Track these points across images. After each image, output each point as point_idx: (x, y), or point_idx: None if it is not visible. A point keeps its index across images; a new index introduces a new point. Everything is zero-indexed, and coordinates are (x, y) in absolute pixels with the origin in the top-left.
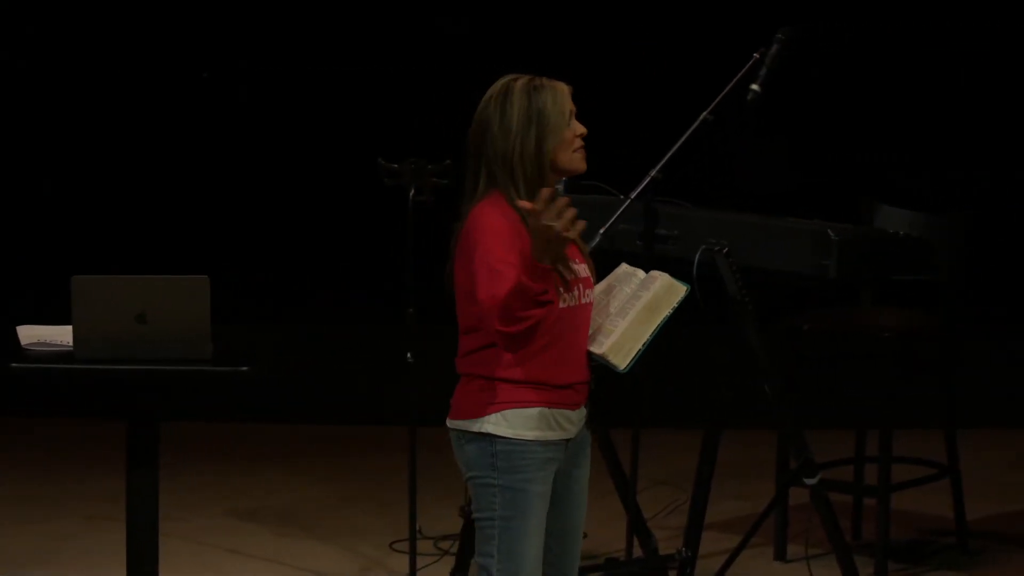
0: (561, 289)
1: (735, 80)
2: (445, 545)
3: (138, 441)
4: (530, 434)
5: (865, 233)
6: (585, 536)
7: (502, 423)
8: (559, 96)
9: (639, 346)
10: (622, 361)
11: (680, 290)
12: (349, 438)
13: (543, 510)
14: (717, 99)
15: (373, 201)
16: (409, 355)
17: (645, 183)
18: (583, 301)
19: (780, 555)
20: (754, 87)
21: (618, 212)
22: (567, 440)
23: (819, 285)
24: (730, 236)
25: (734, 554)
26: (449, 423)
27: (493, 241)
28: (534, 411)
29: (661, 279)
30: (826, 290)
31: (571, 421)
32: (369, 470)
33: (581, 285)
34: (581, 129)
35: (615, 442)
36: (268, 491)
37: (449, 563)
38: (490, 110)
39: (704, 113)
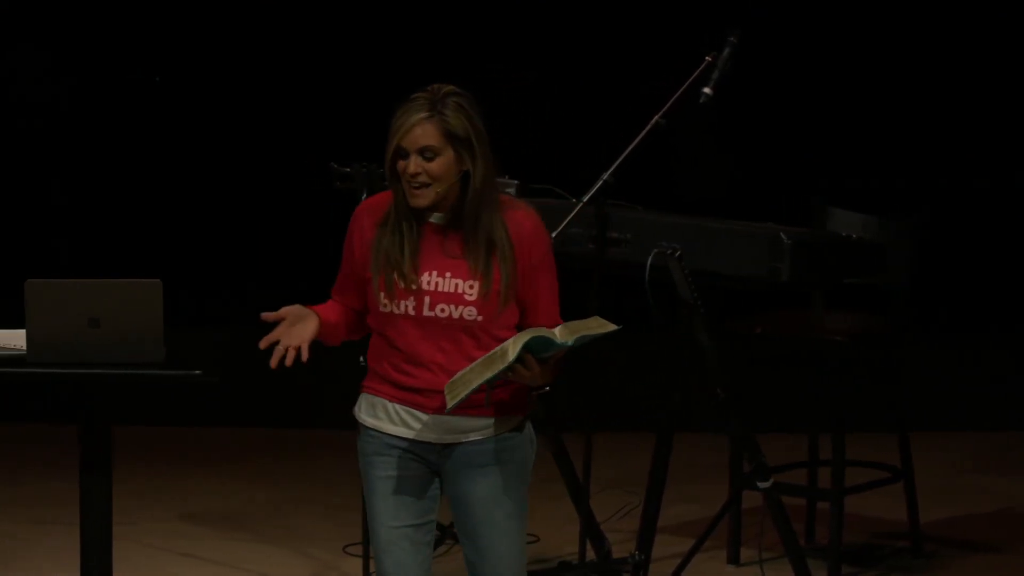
0: (382, 295)
1: (687, 83)
2: None
3: (91, 444)
4: (370, 421)
5: (818, 236)
6: (537, 540)
7: (360, 405)
8: (395, 120)
9: (466, 391)
10: (449, 400)
11: (510, 354)
12: (299, 441)
13: (388, 494)
14: (669, 102)
15: (325, 205)
16: (362, 359)
17: (597, 187)
18: (427, 313)
19: (733, 558)
20: (706, 90)
21: (570, 216)
22: (428, 443)
23: (771, 288)
24: (683, 239)
25: (687, 557)
26: None
27: None
28: (377, 400)
29: (511, 339)
30: (778, 293)
31: (421, 421)
32: (319, 473)
33: (429, 298)
34: (410, 168)
35: (567, 446)
36: (220, 494)
37: None
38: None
39: (656, 116)
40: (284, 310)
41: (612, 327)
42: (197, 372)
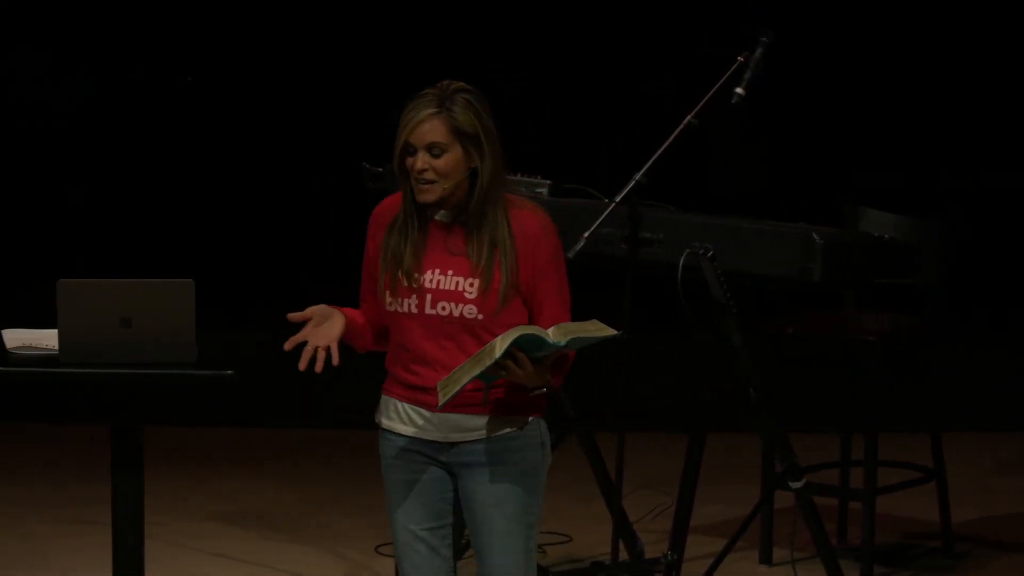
0: (388, 293)
1: (719, 84)
2: None
3: (122, 445)
4: (385, 422)
5: (850, 237)
6: (569, 539)
7: (379, 407)
8: (404, 116)
9: (456, 388)
10: (440, 398)
11: (496, 351)
12: (332, 441)
13: (404, 497)
14: (701, 103)
15: (357, 205)
16: None
17: (630, 187)
18: (428, 311)
19: (766, 558)
20: (738, 90)
21: (602, 216)
22: (436, 442)
23: (803, 289)
24: (715, 239)
25: (720, 557)
26: None
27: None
28: (390, 400)
29: (500, 336)
30: (810, 294)
31: (427, 420)
32: (352, 473)
33: (431, 296)
34: (418, 164)
35: (600, 446)
36: (251, 495)
37: None
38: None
39: (688, 117)
40: (310, 310)
41: (610, 332)
42: (229, 372)
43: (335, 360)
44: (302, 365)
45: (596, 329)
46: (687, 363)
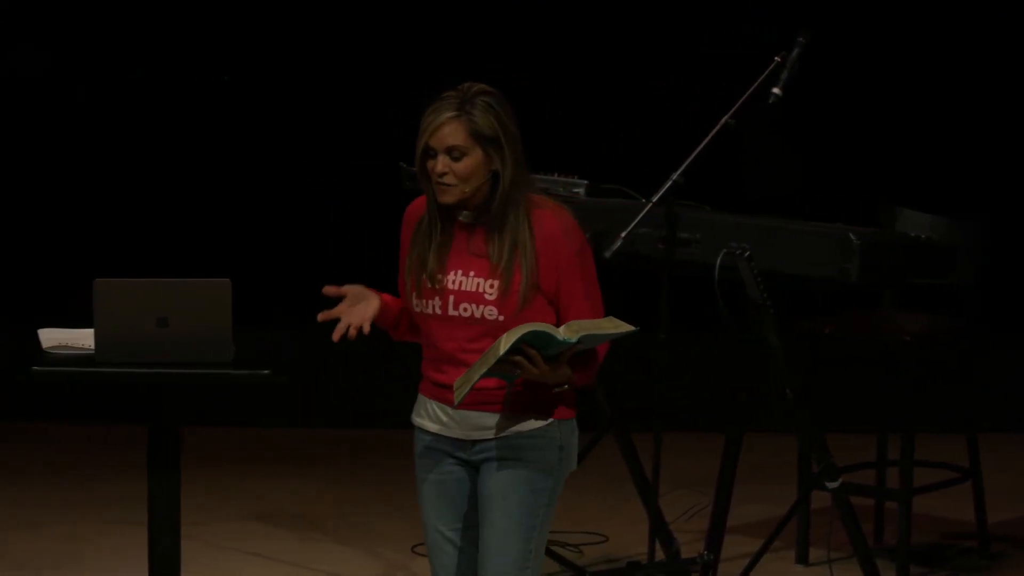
0: (414, 294)
1: (756, 84)
2: None
3: (159, 444)
4: (416, 420)
5: (887, 237)
6: (606, 539)
7: (415, 407)
8: (424, 119)
9: (468, 386)
10: (456, 397)
11: (501, 348)
12: (369, 441)
13: (432, 497)
14: (738, 103)
15: (394, 205)
16: None
17: (667, 187)
18: (451, 312)
19: (802, 558)
20: (775, 91)
21: (640, 216)
22: (458, 439)
23: (840, 289)
24: (752, 239)
25: (756, 557)
26: None
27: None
28: (421, 399)
29: (506, 333)
30: (847, 294)
31: (450, 417)
32: (389, 473)
33: (453, 297)
34: (438, 168)
35: (637, 446)
36: (288, 494)
37: None
38: None
39: (725, 117)
40: (346, 287)
41: (627, 328)
42: (266, 372)
43: (366, 330)
44: (335, 336)
45: (612, 326)
46: (724, 363)
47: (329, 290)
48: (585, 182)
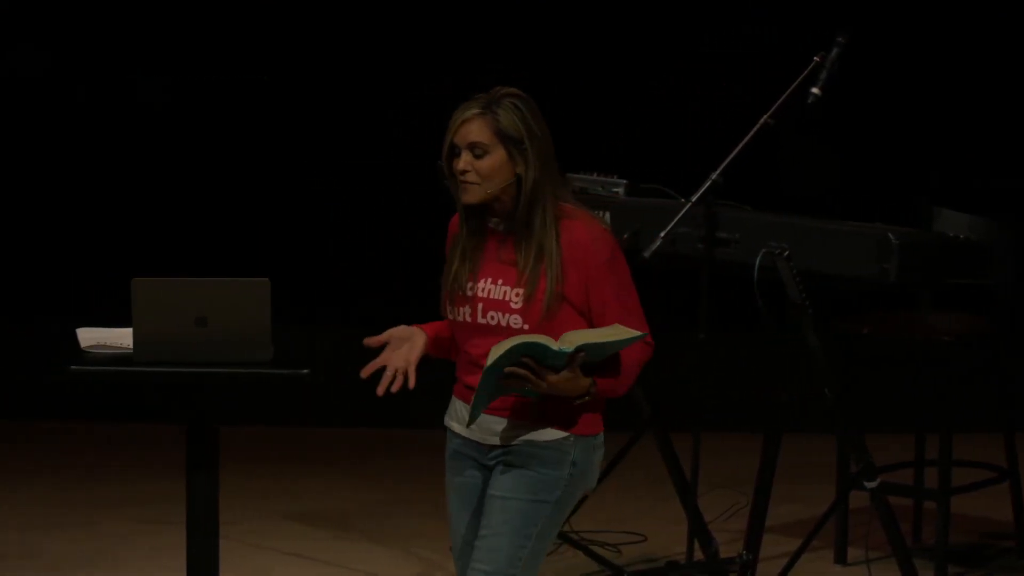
0: (448, 302)
1: (795, 84)
2: None
3: (197, 444)
4: (447, 421)
5: (925, 237)
6: (644, 539)
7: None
8: (452, 118)
9: (477, 409)
10: (469, 419)
11: (488, 361)
12: (407, 441)
13: (456, 501)
14: (778, 103)
15: (433, 204)
16: None
17: (706, 186)
18: (480, 320)
19: (840, 558)
20: (814, 91)
21: (679, 215)
22: (477, 443)
23: (879, 289)
24: (791, 239)
25: (794, 557)
26: None
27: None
28: (453, 399)
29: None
30: (886, 294)
31: (469, 413)
32: (426, 473)
33: (481, 305)
34: (460, 165)
35: (676, 446)
36: (326, 494)
37: None
38: None
39: (764, 117)
40: (387, 333)
41: (632, 334)
42: (305, 372)
43: (411, 383)
44: (380, 391)
45: (616, 334)
46: (763, 363)
47: (370, 341)
48: (624, 182)
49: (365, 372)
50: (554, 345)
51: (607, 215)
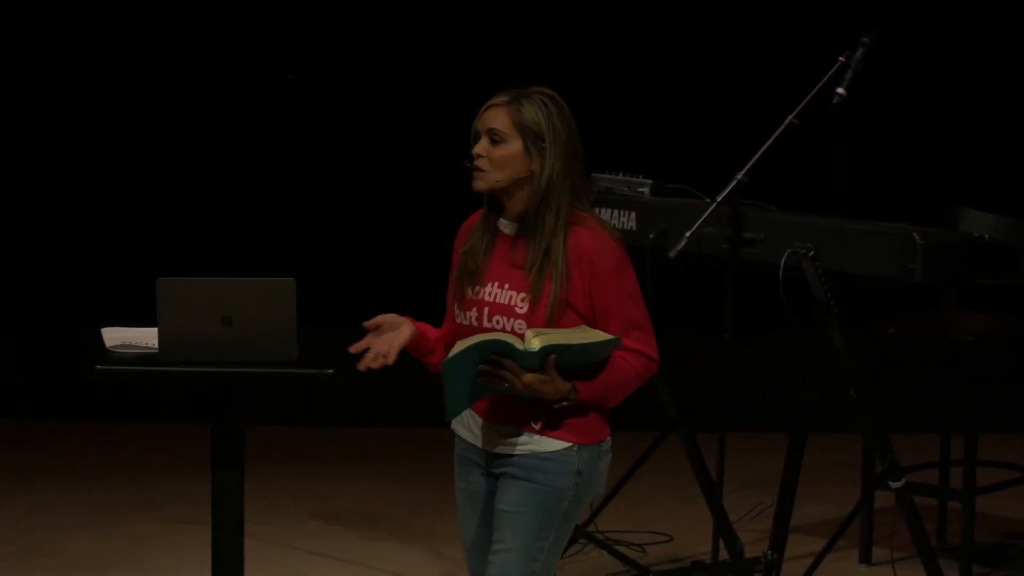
0: (455, 305)
1: (820, 84)
2: None
3: (223, 444)
4: (454, 425)
5: (950, 237)
6: (670, 539)
7: None
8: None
9: (447, 402)
10: (447, 414)
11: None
12: (435, 441)
13: (464, 507)
14: (802, 103)
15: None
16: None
17: (731, 186)
18: (486, 324)
19: (865, 558)
20: (839, 91)
21: (704, 215)
22: (482, 450)
23: (904, 289)
24: (816, 239)
25: (819, 557)
26: None
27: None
28: None
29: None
30: (911, 294)
31: (477, 424)
32: (452, 473)
33: (488, 309)
34: (476, 148)
35: (701, 446)
36: (351, 494)
37: None
38: None
39: (789, 117)
40: (380, 317)
41: (604, 337)
42: (330, 371)
43: (391, 361)
44: (361, 366)
45: (584, 336)
46: (788, 363)
47: (367, 324)
48: (650, 182)
49: (353, 349)
50: (519, 344)
51: (632, 215)
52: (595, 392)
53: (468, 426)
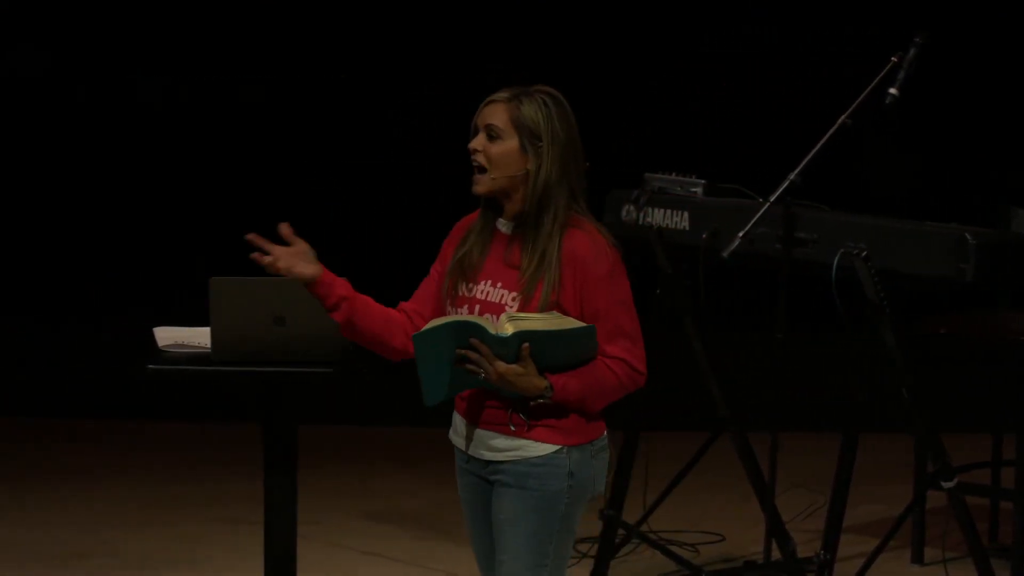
0: (447, 301)
1: (873, 84)
2: (584, 547)
3: (276, 443)
4: (451, 435)
5: (1003, 237)
6: (722, 539)
7: None
8: None
9: (424, 386)
10: (425, 399)
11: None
12: None
13: (467, 514)
14: (856, 103)
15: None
16: None
17: (784, 186)
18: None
19: (917, 558)
20: (892, 91)
21: (757, 215)
22: (476, 458)
23: (956, 289)
24: (869, 239)
25: (872, 557)
26: None
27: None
28: (454, 413)
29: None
30: (963, 294)
31: (467, 429)
32: None
33: (479, 307)
34: (472, 144)
35: (753, 446)
36: (404, 494)
37: (588, 566)
38: None
39: (842, 117)
40: (303, 243)
41: (575, 324)
42: (383, 371)
43: (269, 265)
44: (252, 255)
45: (560, 323)
46: (840, 363)
47: (285, 229)
48: (703, 181)
49: (251, 237)
50: (492, 328)
51: (685, 215)
52: (572, 393)
53: (460, 432)
